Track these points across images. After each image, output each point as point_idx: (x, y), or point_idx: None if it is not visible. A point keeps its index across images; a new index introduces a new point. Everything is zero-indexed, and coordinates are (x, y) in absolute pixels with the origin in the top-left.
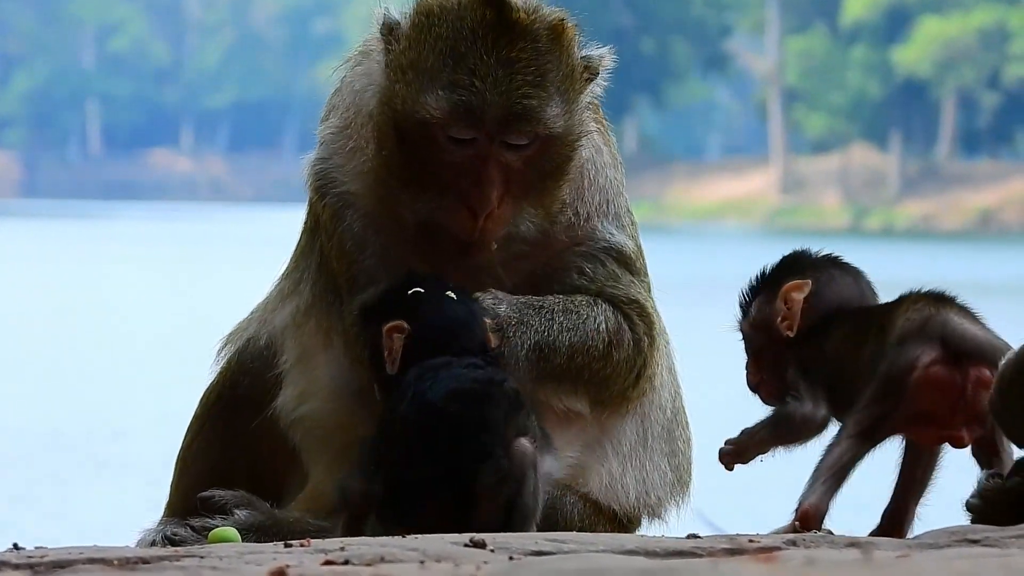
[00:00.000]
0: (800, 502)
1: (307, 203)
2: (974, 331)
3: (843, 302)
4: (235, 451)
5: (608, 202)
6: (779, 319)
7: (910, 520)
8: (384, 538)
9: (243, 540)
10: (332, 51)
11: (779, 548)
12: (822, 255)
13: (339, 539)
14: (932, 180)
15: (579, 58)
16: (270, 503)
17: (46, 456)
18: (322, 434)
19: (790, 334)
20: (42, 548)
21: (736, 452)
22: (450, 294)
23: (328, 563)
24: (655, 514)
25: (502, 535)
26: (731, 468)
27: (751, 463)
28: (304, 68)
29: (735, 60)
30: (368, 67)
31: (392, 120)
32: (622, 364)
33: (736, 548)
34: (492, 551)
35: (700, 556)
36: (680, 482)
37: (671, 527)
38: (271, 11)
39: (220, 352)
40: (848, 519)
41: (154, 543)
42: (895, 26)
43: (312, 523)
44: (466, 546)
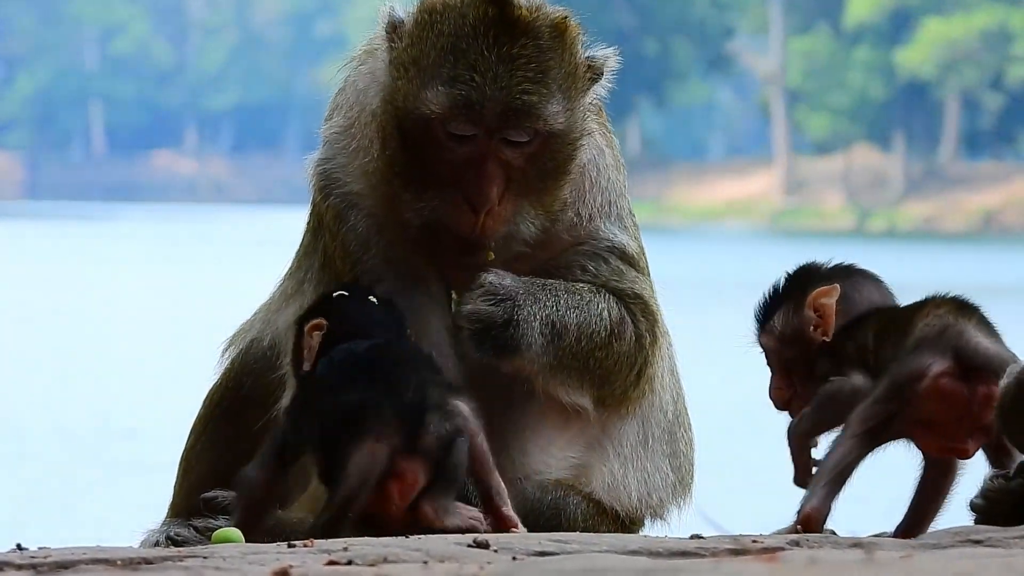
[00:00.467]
0: (802, 505)
1: (311, 203)
2: (987, 346)
3: (871, 303)
4: (238, 452)
5: (611, 203)
6: (811, 327)
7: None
8: (387, 538)
9: (246, 541)
10: (335, 52)
11: (782, 548)
12: (835, 264)
13: (342, 539)
14: (935, 181)
15: (582, 58)
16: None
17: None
18: None
19: (826, 339)
20: (45, 548)
21: (797, 450)
22: (372, 299)
23: (331, 563)
24: (657, 515)
25: (505, 535)
26: (806, 474)
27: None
28: (307, 69)
29: (738, 61)
30: (372, 66)
31: (394, 117)
32: (623, 358)
33: (739, 548)
34: (495, 551)
35: (703, 556)
36: (682, 483)
37: (674, 528)
38: (274, 12)
39: (224, 353)
40: (851, 520)
41: (157, 543)
42: (898, 27)
43: None
44: (469, 546)
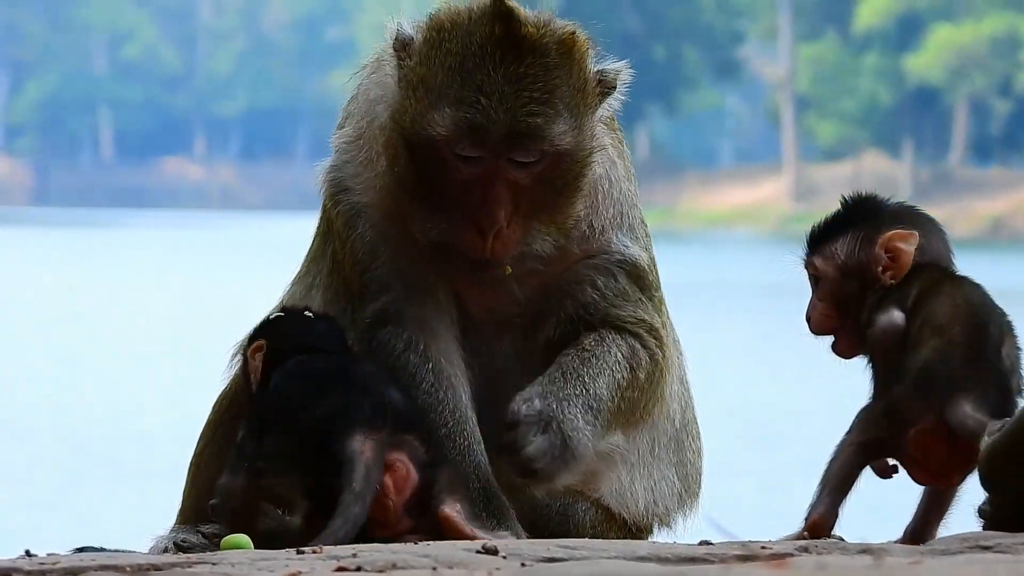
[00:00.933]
0: (809, 512)
1: (321, 208)
2: (972, 423)
3: (936, 257)
4: None
5: (622, 215)
6: (879, 267)
7: (931, 538)
8: (396, 545)
9: (255, 547)
10: (344, 58)
11: (791, 554)
12: (902, 204)
13: (351, 546)
14: (944, 187)
15: (592, 72)
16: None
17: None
18: None
19: (893, 282)
20: (54, 555)
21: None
22: (307, 313)
23: (340, 569)
24: (664, 523)
25: (513, 541)
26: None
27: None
28: (316, 75)
29: (747, 67)
30: (381, 78)
31: (402, 137)
32: (646, 382)
33: (748, 554)
34: (504, 558)
35: (712, 562)
36: (688, 492)
37: (683, 534)
38: (283, 18)
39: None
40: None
41: (166, 550)
42: (907, 33)
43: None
44: (478, 552)
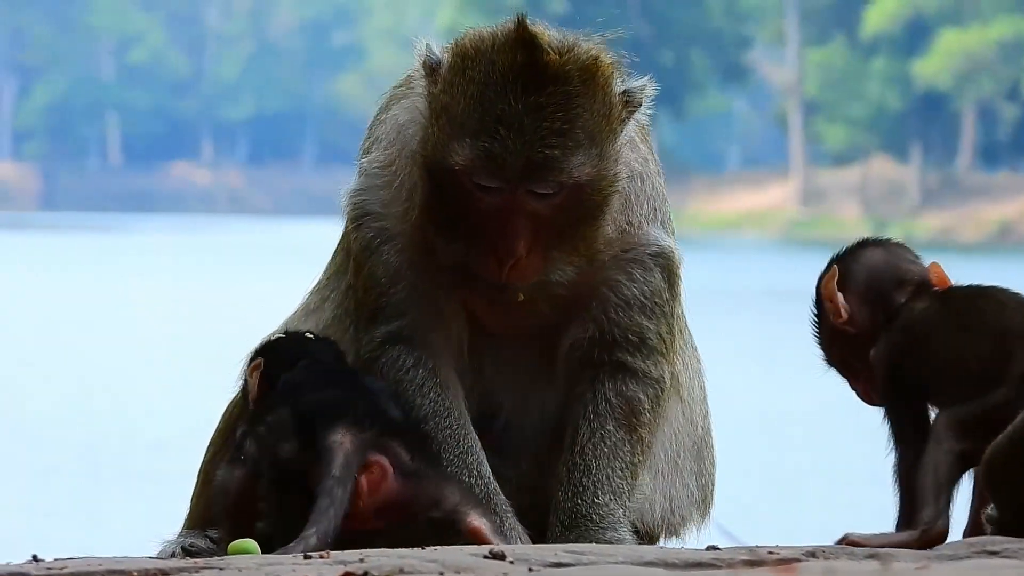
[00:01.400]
0: (929, 523)
1: (344, 230)
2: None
3: (872, 268)
4: None
5: (656, 210)
6: (834, 318)
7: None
8: (403, 550)
9: (262, 552)
10: (351, 63)
11: (798, 560)
12: (842, 248)
13: (358, 551)
14: (952, 192)
15: (617, 95)
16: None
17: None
18: None
19: (844, 324)
20: (61, 560)
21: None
22: (308, 334)
23: (347, 574)
24: (675, 533)
25: (521, 546)
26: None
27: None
28: (323, 80)
29: (754, 71)
30: (412, 102)
31: (425, 164)
32: (654, 404)
33: (756, 560)
34: (511, 563)
35: (719, 568)
36: (704, 502)
37: (690, 539)
38: (290, 23)
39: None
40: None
41: (173, 554)
42: (915, 38)
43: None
44: (485, 557)
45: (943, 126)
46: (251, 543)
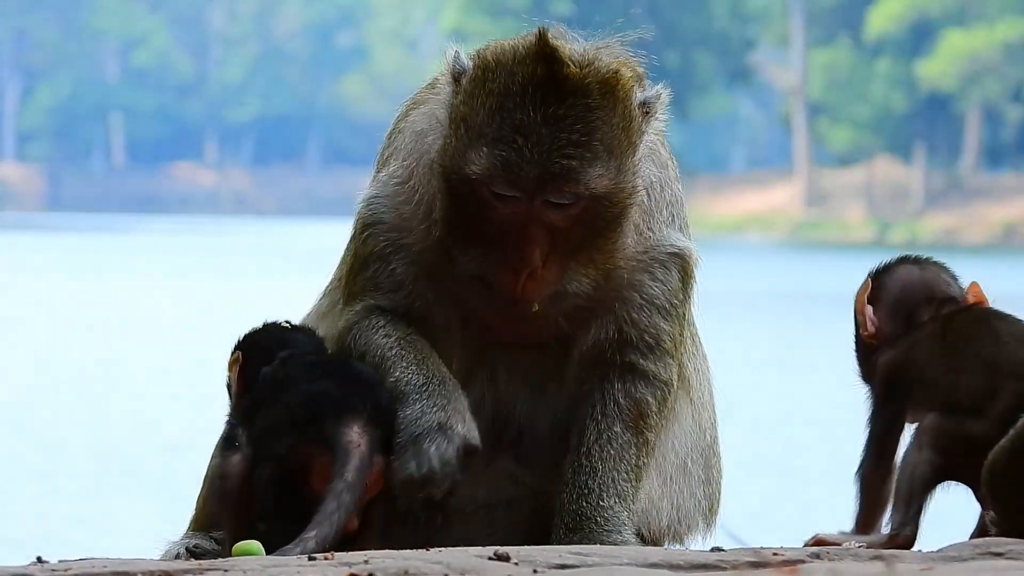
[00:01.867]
0: (897, 528)
1: (352, 234)
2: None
3: (906, 285)
4: None
5: (674, 215)
6: (861, 332)
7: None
8: (408, 551)
9: (267, 554)
10: (356, 64)
11: (803, 561)
12: (885, 262)
13: (363, 552)
14: (956, 193)
15: (636, 108)
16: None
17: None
18: None
19: (871, 338)
20: (65, 561)
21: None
22: (286, 324)
23: None
24: (680, 541)
25: (526, 548)
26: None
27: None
28: (328, 81)
29: (759, 73)
30: (430, 109)
31: (443, 172)
32: (661, 407)
33: (760, 561)
34: (516, 564)
35: (724, 569)
36: (710, 511)
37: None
38: (294, 24)
39: None
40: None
41: (178, 556)
42: (919, 39)
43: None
44: (490, 559)
45: (947, 127)
46: (255, 545)
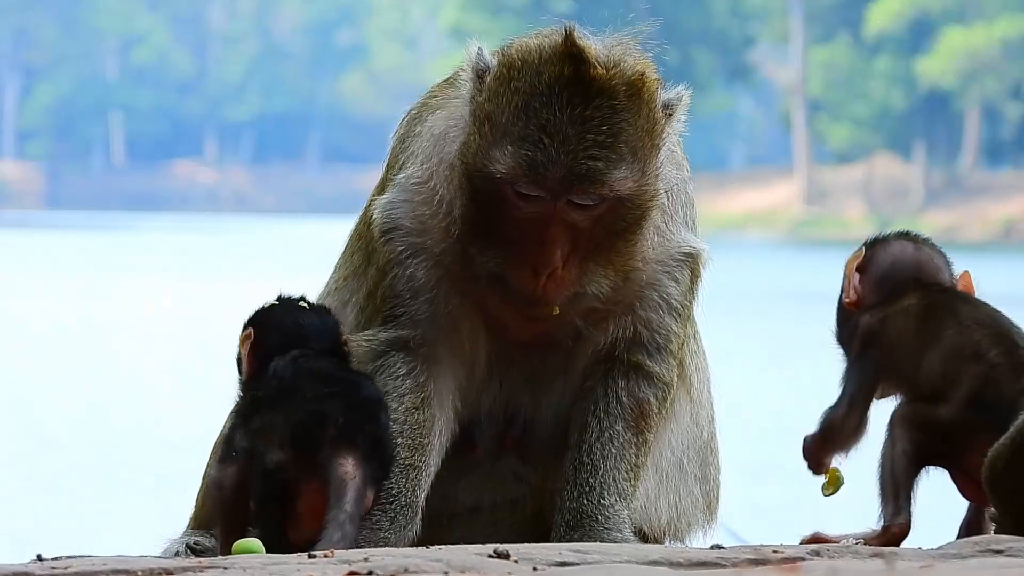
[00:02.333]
0: (888, 521)
1: (365, 236)
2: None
3: (894, 261)
4: None
5: (686, 216)
6: (844, 296)
7: (987, 526)
8: (408, 549)
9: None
10: (355, 62)
11: (803, 558)
12: (883, 233)
13: (363, 550)
14: (956, 191)
15: (660, 111)
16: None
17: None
18: None
19: (852, 308)
20: (65, 559)
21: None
22: (303, 304)
23: (352, 574)
24: (680, 538)
25: (526, 546)
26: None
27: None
28: (327, 79)
29: (759, 70)
30: (448, 112)
31: (465, 171)
32: (661, 406)
33: (760, 559)
34: (516, 562)
35: (724, 567)
36: (709, 508)
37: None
38: (294, 22)
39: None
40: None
41: (177, 553)
42: (919, 37)
43: None
44: (490, 557)
45: (947, 125)
46: (256, 542)
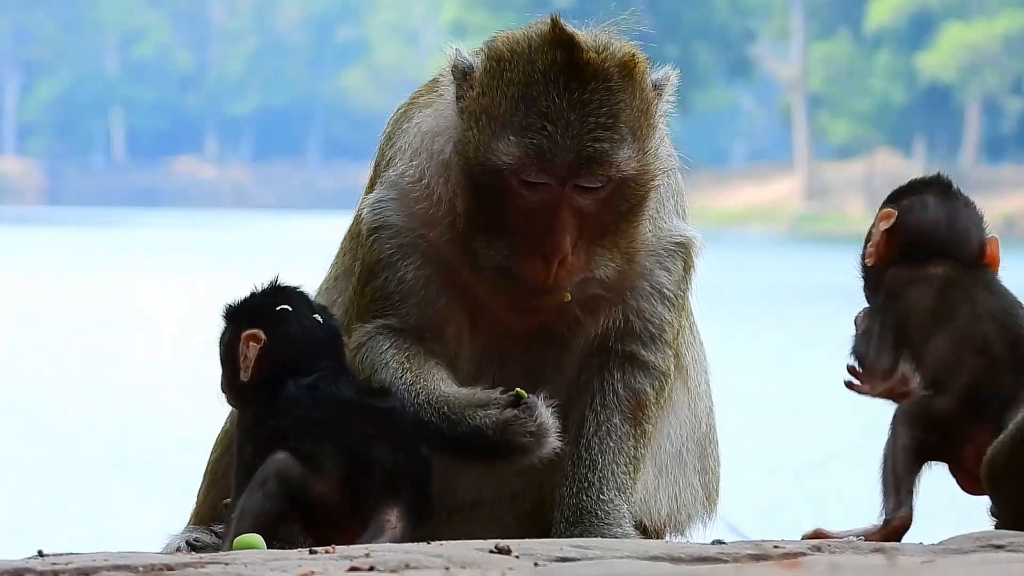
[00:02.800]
0: (890, 515)
1: (354, 236)
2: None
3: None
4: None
5: (678, 204)
6: (867, 257)
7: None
8: (409, 544)
9: (268, 547)
10: (356, 58)
11: (804, 554)
12: (928, 177)
13: (364, 546)
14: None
15: (652, 92)
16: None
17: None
18: None
19: (871, 265)
20: (67, 555)
21: None
22: (316, 317)
23: (353, 569)
24: (681, 531)
25: (527, 541)
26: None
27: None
28: (328, 75)
29: (759, 66)
30: (438, 109)
31: (466, 167)
32: (658, 396)
33: (761, 554)
34: (517, 557)
35: (725, 562)
36: (709, 500)
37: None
38: (295, 18)
39: None
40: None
41: (179, 549)
42: (919, 32)
43: None
44: (491, 552)
45: (948, 120)
46: (257, 538)
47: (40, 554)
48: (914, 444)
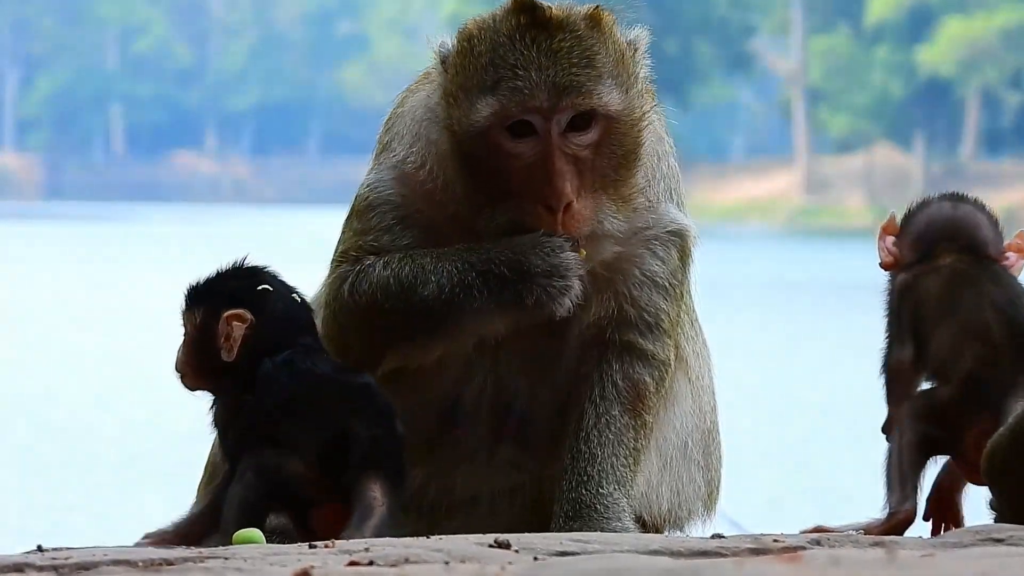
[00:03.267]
0: (894, 508)
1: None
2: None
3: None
4: None
5: (671, 190)
6: (880, 261)
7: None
8: (409, 539)
9: (267, 542)
10: (356, 52)
11: (803, 548)
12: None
13: (364, 539)
14: (956, 180)
15: (626, 43)
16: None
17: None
18: None
19: (889, 269)
20: (66, 549)
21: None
22: (295, 296)
23: (353, 564)
24: (680, 526)
25: (527, 535)
26: None
27: None
28: (327, 70)
29: (759, 60)
30: (426, 96)
31: (455, 144)
32: (658, 387)
33: (760, 548)
34: (516, 551)
35: (725, 556)
36: (710, 497)
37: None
38: (294, 12)
39: None
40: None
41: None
42: (918, 26)
43: None
44: (491, 547)
45: (947, 114)
46: (256, 533)
47: (39, 549)
48: (919, 440)
